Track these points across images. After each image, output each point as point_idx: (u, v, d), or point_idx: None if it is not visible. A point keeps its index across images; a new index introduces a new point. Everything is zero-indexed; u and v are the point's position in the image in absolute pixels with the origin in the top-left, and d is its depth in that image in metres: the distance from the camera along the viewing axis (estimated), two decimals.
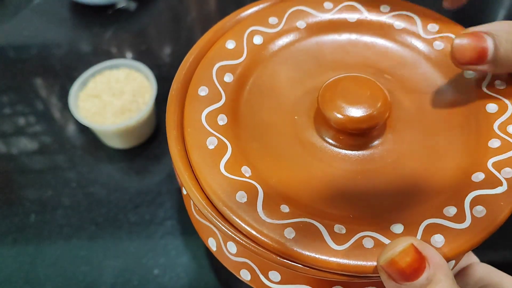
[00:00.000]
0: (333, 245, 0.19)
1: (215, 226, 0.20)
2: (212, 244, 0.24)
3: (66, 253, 0.38)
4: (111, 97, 0.43)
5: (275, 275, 0.22)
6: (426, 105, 0.24)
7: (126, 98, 0.42)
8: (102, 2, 0.57)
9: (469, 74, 0.24)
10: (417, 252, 0.16)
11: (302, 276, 0.21)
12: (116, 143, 0.43)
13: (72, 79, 0.50)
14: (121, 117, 0.41)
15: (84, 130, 0.46)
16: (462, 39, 0.21)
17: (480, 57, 0.20)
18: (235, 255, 0.23)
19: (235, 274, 0.23)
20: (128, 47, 0.54)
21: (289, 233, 0.19)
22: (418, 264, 0.16)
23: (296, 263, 0.19)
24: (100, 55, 0.53)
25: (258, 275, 0.22)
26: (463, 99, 0.23)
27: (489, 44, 0.20)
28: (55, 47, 0.55)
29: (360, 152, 0.22)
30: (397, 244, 0.17)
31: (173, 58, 0.53)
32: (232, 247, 0.22)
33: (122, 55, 0.54)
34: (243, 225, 0.19)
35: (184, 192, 0.25)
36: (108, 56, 0.53)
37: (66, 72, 0.52)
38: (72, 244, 0.38)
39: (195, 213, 0.25)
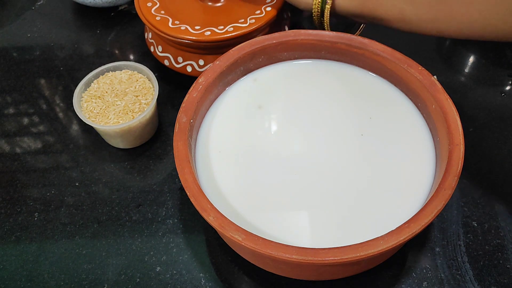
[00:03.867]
0: None
1: None
2: None
3: (69, 251, 0.38)
4: (114, 98, 0.43)
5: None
6: None
7: (128, 99, 0.43)
8: (104, 4, 0.57)
9: None
10: None
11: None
12: (118, 143, 0.44)
13: (75, 80, 0.51)
14: (123, 117, 0.42)
15: (87, 130, 0.47)
16: None
17: None
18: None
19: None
20: (131, 49, 0.55)
21: None
22: None
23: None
24: (103, 56, 0.54)
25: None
26: None
27: None
28: (58, 49, 0.55)
29: None
30: None
31: None
32: None
33: (124, 57, 0.54)
34: None
35: None
36: (111, 57, 0.54)
37: (69, 73, 0.52)
38: (75, 242, 0.39)
39: None
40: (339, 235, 0.32)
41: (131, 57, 0.54)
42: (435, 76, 0.36)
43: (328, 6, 0.39)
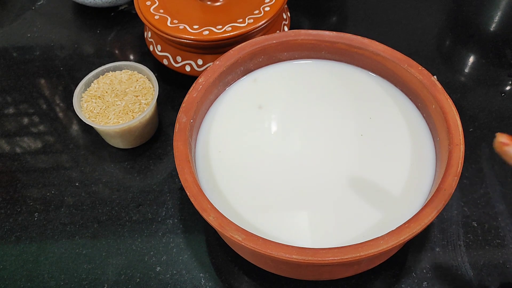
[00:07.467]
0: None
1: None
2: None
3: (69, 251, 0.38)
4: (114, 98, 0.43)
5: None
6: None
7: (128, 99, 0.43)
8: (104, 4, 0.57)
9: None
10: None
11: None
12: (118, 143, 0.44)
13: (75, 80, 0.51)
14: (123, 117, 0.42)
15: (87, 130, 0.47)
16: None
17: None
18: None
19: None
20: (131, 48, 0.55)
21: None
22: None
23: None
24: (103, 56, 0.54)
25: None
26: None
27: None
28: (58, 49, 0.55)
29: None
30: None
31: None
32: None
33: (124, 57, 0.54)
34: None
35: None
36: (111, 57, 0.54)
37: (69, 73, 0.52)
38: (75, 242, 0.39)
39: None
40: (339, 235, 0.32)
41: (131, 57, 0.54)
42: (435, 76, 0.36)
43: None
